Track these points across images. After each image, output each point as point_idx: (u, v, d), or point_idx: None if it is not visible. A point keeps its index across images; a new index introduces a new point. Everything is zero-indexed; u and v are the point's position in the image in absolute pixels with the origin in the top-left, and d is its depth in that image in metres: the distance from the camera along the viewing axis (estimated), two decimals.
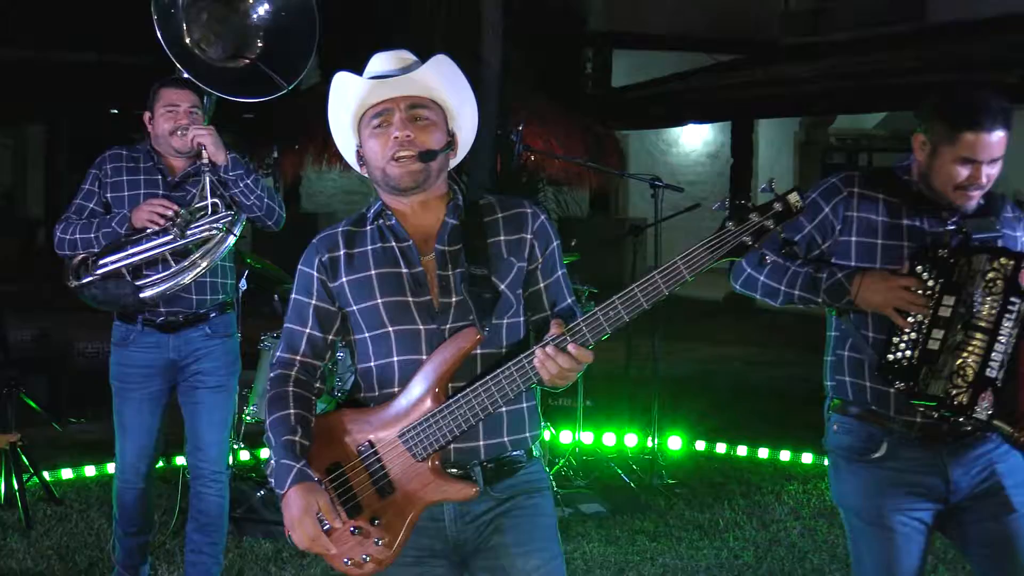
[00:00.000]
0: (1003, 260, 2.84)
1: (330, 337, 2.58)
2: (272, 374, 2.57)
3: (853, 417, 3.04)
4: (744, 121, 14.98)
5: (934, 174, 2.98)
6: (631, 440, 6.91)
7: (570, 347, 2.32)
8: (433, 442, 2.41)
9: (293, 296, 2.60)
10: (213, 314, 4.28)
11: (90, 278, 4.14)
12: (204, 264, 4.12)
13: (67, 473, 6.31)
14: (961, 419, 2.88)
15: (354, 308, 2.52)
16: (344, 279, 2.52)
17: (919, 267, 2.89)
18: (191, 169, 4.23)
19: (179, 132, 4.14)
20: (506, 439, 2.50)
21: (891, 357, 2.89)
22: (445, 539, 2.50)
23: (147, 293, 4.10)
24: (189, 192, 4.20)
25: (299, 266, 2.60)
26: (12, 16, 15.88)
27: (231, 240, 4.16)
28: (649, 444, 6.46)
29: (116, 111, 16.75)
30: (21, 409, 6.55)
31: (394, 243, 2.52)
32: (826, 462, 3.29)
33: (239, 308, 6.30)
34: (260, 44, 4.24)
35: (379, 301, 2.48)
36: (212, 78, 4.15)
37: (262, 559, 5.10)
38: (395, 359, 2.48)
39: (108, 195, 4.23)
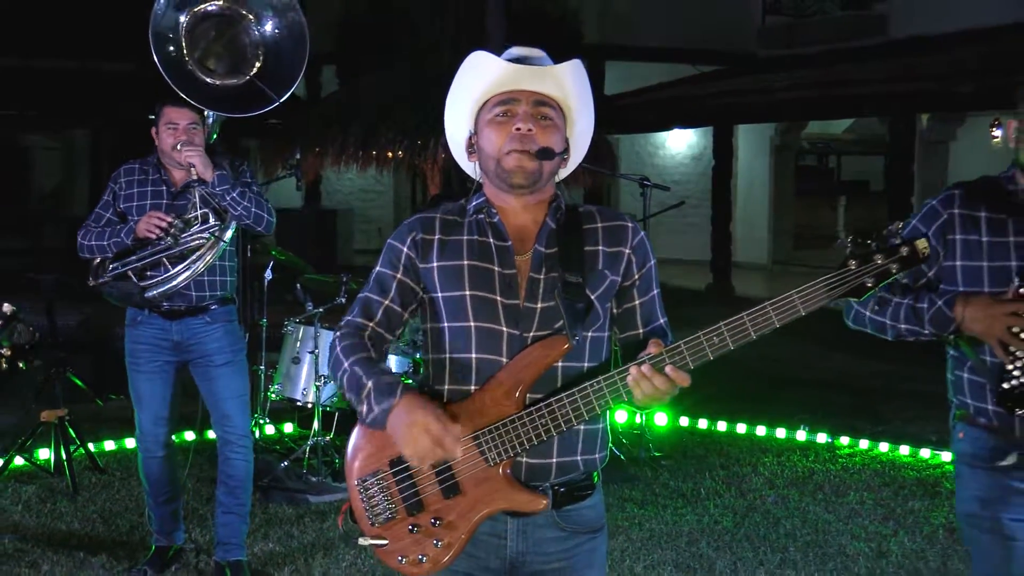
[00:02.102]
0: None
1: (405, 315, 2.28)
2: (341, 332, 2.28)
3: (980, 428, 2.65)
4: (725, 126, 14.94)
5: None
6: (621, 416, 6.89)
7: (668, 368, 2.06)
8: (508, 448, 2.13)
9: (377, 269, 2.30)
10: (214, 306, 4.33)
11: (104, 279, 4.27)
12: (198, 266, 4.19)
13: (109, 445, 6.32)
14: None
15: (439, 295, 2.23)
16: (436, 263, 2.23)
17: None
18: (191, 179, 4.29)
19: (179, 147, 4.20)
20: (579, 458, 2.22)
21: (1006, 386, 2.51)
22: (504, 557, 2.23)
23: (150, 292, 4.20)
24: (190, 200, 4.26)
25: (389, 240, 2.30)
26: (59, 30, 15.88)
27: (222, 245, 4.23)
28: (637, 420, 6.45)
29: (153, 117, 16.73)
30: (68, 387, 6.57)
31: (492, 240, 2.24)
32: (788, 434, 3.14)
33: (265, 296, 6.33)
34: (258, 62, 4.25)
35: (467, 293, 2.20)
36: (208, 97, 4.16)
37: (285, 523, 5.11)
38: (473, 355, 2.19)
39: (122, 205, 4.33)
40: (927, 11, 13.10)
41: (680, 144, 18.65)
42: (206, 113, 4.24)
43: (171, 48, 4.07)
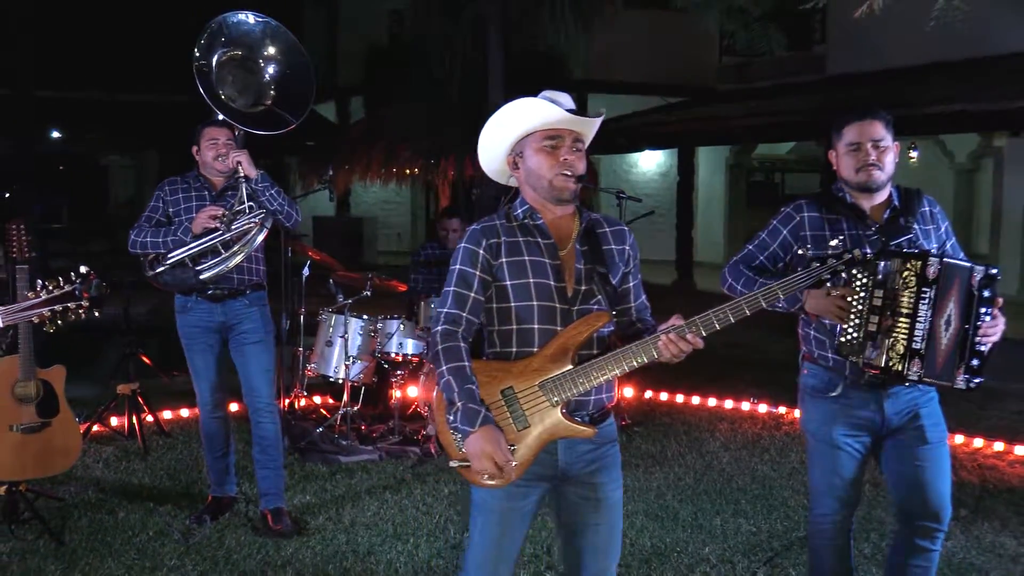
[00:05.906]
0: (913, 261, 2.79)
1: (482, 299, 2.47)
2: (441, 328, 2.44)
3: (819, 366, 3.07)
4: (687, 148, 14.92)
5: (843, 168, 3.02)
6: None
7: (688, 335, 2.35)
8: (565, 392, 2.39)
9: (459, 267, 2.47)
10: (249, 291, 4.33)
11: (161, 268, 4.24)
12: (244, 252, 4.19)
13: (174, 414, 6.31)
14: (900, 383, 2.89)
15: (508, 283, 2.45)
16: (504, 260, 2.45)
17: (855, 271, 2.83)
18: (229, 184, 4.34)
19: (219, 158, 4.27)
20: (604, 395, 2.50)
21: (842, 339, 2.89)
22: (555, 467, 2.47)
23: (204, 275, 4.18)
24: (228, 202, 4.28)
25: (464, 244, 2.47)
26: (133, 69, 15.85)
27: (263, 233, 4.22)
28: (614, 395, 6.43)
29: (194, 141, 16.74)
30: (139, 365, 6.56)
31: (539, 239, 2.48)
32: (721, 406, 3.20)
33: (303, 289, 6.32)
34: (273, 94, 4.25)
35: (531, 280, 2.44)
36: (240, 119, 4.17)
37: (320, 479, 5.10)
38: (535, 326, 2.43)
39: (170, 210, 4.34)
40: (857, 53, 13.09)
41: (650, 163, 18.64)
42: (236, 132, 4.26)
43: (209, 85, 4.08)
